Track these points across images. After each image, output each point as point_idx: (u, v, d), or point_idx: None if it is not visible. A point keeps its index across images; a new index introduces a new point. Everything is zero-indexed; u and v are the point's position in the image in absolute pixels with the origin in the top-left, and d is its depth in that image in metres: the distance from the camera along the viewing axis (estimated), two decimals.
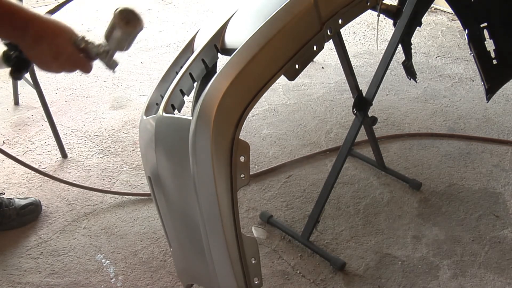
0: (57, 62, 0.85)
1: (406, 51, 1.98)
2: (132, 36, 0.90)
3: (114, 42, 0.90)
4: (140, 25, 0.89)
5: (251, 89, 1.01)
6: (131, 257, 1.72)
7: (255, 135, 2.38)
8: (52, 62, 0.85)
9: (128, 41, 0.90)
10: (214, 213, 1.02)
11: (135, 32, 0.90)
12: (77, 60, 0.87)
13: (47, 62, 0.85)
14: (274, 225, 1.84)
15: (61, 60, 0.85)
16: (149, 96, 1.24)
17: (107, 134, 2.37)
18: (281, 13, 1.06)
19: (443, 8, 3.85)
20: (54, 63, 0.86)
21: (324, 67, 3.04)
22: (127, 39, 0.90)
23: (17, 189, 2.00)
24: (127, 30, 0.88)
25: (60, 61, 0.85)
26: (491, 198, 2.00)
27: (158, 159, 1.14)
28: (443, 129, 2.45)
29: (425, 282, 1.64)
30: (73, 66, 0.88)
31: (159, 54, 3.19)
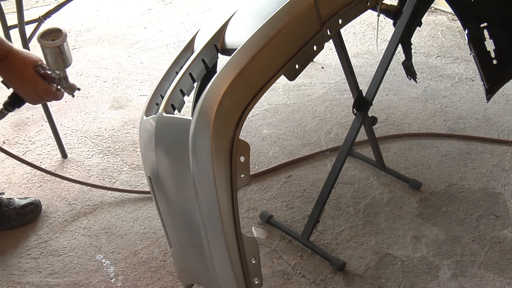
0: (26, 87, 0.99)
1: (406, 51, 1.98)
2: (59, 50, 0.94)
3: (53, 64, 0.96)
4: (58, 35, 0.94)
5: (251, 89, 1.01)
6: (131, 257, 1.72)
7: (255, 135, 2.38)
8: (22, 88, 0.99)
9: (61, 55, 0.95)
10: (214, 213, 1.02)
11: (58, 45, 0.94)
12: (43, 86, 0.99)
13: (20, 88, 1.00)
14: (274, 225, 1.84)
15: (29, 85, 0.98)
16: (149, 96, 1.24)
17: (107, 134, 2.37)
18: (281, 13, 1.06)
19: (443, 8, 3.85)
20: (23, 88, 0.99)
21: (324, 67, 3.04)
22: (57, 54, 0.94)
23: (17, 189, 2.00)
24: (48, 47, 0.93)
25: (29, 86, 0.98)
26: (491, 198, 2.00)
27: (158, 159, 1.14)
28: (443, 129, 2.45)
29: (425, 282, 1.64)
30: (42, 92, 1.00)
31: (159, 54, 3.19)
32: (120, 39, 3.38)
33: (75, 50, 3.20)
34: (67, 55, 0.98)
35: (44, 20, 2.04)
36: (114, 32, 3.49)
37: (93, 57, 3.11)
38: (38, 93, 1.01)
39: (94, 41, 3.34)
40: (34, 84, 0.99)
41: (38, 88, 0.99)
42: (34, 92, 1.01)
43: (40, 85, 0.99)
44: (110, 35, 3.44)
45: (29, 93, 1.01)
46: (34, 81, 0.98)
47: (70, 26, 3.57)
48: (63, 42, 0.94)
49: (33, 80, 0.98)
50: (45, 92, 1.01)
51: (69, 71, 1.14)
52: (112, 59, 3.09)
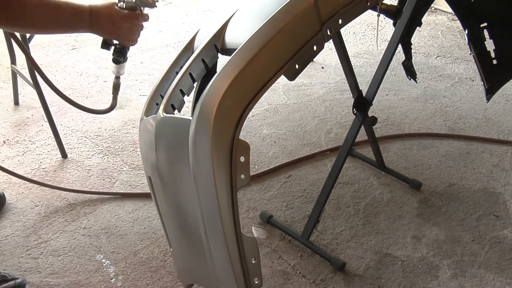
0: (119, 25, 1.11)
1: (406, 51, 1.98)
2: None
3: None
4: None
5: (251, 89, 1.01)
6: (131, 257, 1.72)
7: (255, 135, 2.38)
8: (117, 29, 1.12)
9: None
10: (214, 213, 1.02)
11: None
12: (130, 15, 1.11)
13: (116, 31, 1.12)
14: (274, 225, 1.84)
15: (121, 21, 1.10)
16: (149, 96, 1.24)
17: (107, 134, 2.37)
18: (281, 13, 1.06)
19: (443, 8, 3.85)
20: (118, 28, 1.11)
21: (324, 67, 3.04)
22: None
23: (17, 189, 2.00)
24: None
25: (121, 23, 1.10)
26: (491, 198, 2.00)
27: (158, 159, 1.14)
28: (443, 129, 2.45)
29: (425, 282, 1.64)
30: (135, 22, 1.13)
31: (159, 54, 3.19)
32: None
33: (75, 50, 3.20)
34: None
35: None
36: None
37: (93, 57, 3.11)
38: (130, 24, 1.12)
39: (94, 41, 3.34)
40: (124, 17, 1.10)
41: (128, 19, 1.11)
42: (128, 26, 1.12)
43: (126, 15, 1.10)
44: None
45: (125, 30, 1.12)
46: (122, 15, 1.10)
47: None
48: None
49: (120, 15, 1.10)
50: (135, 18, 1.12)
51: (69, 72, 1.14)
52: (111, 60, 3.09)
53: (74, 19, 1.07)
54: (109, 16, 1.09)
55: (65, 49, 3.22)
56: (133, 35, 1.16)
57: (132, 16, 1.12)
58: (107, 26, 1.10)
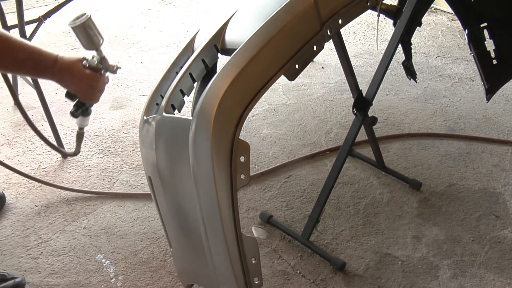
0: (79, 83, 1.12)
1: (406, 51, 1.98)
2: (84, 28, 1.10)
3: (86, 43, 1.11)
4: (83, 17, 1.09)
5: (251, 89, 1.01)
6: (131, 257, 1.72)
7: (255, 135, 2.38)
8: (76, 86, 1.13)
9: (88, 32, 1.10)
10: (214, 213, 1.02)
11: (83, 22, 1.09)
12: (92, 75, 1.13)
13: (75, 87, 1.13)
14: (274, 225, 1.84)
15: (81, 79, 1.11)
16: (149, 96, 1.24)
17: (107, 134, 2.37)
18: (281, 13, 1.06)
19: (443, 8, 3.85)
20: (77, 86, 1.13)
21: (324, 67, 3.04)
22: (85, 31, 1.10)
23: (17, 189, 2.00)
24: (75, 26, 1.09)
25: (81, 81, 1.12)
26: (491, 198, 2.00)
27: (158, 159, 1.14)
28: (443, 129, 2.45)
29: (425, 282, 1.64)
30: (96, 83, 1.14)
31: (159, 54, 3.19)
32: (120, 39, 3.38)
33: (75, 50, 3.20)
34: (95, 32, 1.11)
35: (44, 20, 2.04)
36: (114, 32, 3.49)
37: None
38: (90, 84, 1.14)
39: None
40: (83, 75, 1.12)
41: (87, 78, 1.12)
42: (87, 85, 1.13)
43: (88, 76, 1.12)
44: (110, 35, 3.44)
45: (82, 87, 1.14)
46: (83, 73, 1.11)
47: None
48: (87, 20, 1.09)
49: (81, 72, 1.11)
50: (94, 79, 1.13)
51: None
52: (112, 59, 3.08)
53: (37, 65, 1.09)
54: (71, 71, 1.11)
55: (65, 49, 3.22)
56: (91, 94, 1.17)
57: (93, 77, 1.14)
58: (67, 80, 1.12)
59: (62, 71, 1.10)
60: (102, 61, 1.15)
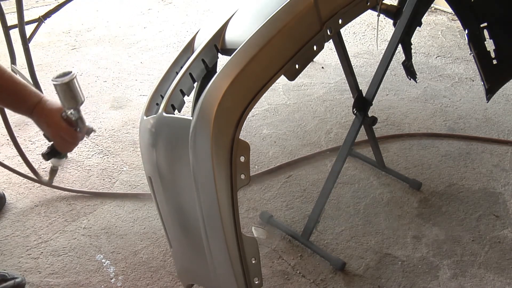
0: (52, 131, 1.11)
1: (406, 51, 1.98)
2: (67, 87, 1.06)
3: (65, 102, 1.08)
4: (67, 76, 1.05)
5: (251, 89, 1.01)
6: (131, 257, 1.72)
7: (255, 135, 2.38)
8: (50, 132, 1.11)
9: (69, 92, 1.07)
10: (214, 213, 1.02)
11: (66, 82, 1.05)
12: (66, 129, 1.11)
13: (49, 133, 1.12)
14: (274, 225, 1.84)
15: (54, 128, 1.10)
16: (149, 96, 1.24)
17: (107, 134, 2.37)
18: (281, 13, 1.06)
19: (443, 8, 3.85)
20: (51, 132, 1.11)
21: (324, 67, 3.04)
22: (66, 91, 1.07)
23: (17, 189, 2.00)
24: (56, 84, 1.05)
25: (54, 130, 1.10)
26: (491, 198, 2.00)
27: (158, 159, 1.14)
28: (443, 129, 2.45)
29: (425, 282, 1.64)
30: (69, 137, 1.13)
31: (159, 54, 3.19)
32: (120, 39, 3.38)
33: (75, 50, 3.20)
34: (76, 93, 1.08)
35: (44, 20, 2.04)
36: (114, 32, 3.49)
37: (93, 57, 3.11)
38: (62, 136, 1.12)
39: (94, 41, 3.34)
40: (58, 127, 1.10)
41: (61, 131, 1.11)
42: (59, 136, 1.12)
43: (63, 128, 1.10)
44: (110, 35, 3.44)
45: (56, 137, 1.13)
46: (58, 125, 1.10)
47: (70, 26, 3.57)
48: (71, 80, 1.05)
49: (57, 124, 1.10)
50: (67, 133, 1.11)
51: None
52: (112, 59, 3.09)
53: (18, 103, 1.08)
54: (48, 120, 1.10)
55: (65, 49, 3.22)
56: (64, 145, 1.16)
57: (67, 131, 1.12)
58: (43, 126, 1.11)
59: (40, 117, 1.09)
60: (79, 120, 1.13)
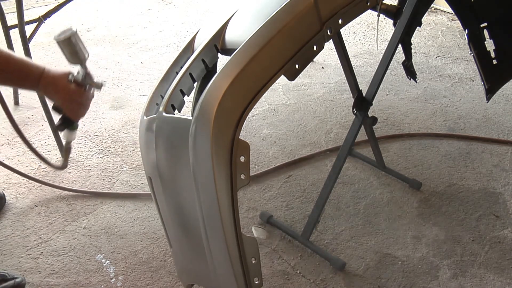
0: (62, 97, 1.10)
1: (406, 51, 1.98)
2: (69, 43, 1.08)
3: (71, 58, 1.09)
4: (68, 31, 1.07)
5: (251, 89, 1.01)
6: (131, 257, 1.72)
7: (255, 135, 2.38)
8: (60, 99, 1.11)
9: (73, 47, 1.08)
10: (214, 213, 1.02)
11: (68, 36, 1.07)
12: (75, 90, 1.10)
13: (59, 100, 1.11)
14: (274, 225, 1.84)
15: (64, 93, 1.09)
16: (149, 96, 1.25)
17: (107, 134, 2.37)
18: (281, 13, 1.06)
19: (443, 8, 3.85)
20: (61, 99, 1.11)
21: (324, 67, 3.04)
22: (69, 47, 1.08)
23: (17, 189, 2.00)
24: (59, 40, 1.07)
25: (64, 95, 1.09)
26: (491, 198, 2.00)
27: (158, 159, 1.14)
28: (443, 129, 2.45)
29: (425, 282, 1.64)
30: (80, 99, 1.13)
31: (159, 54, 3.19)
32: (120, 39, 3.38)
33: None
34: (80, 47, 1.09)
35: (44, 20, 2.04)
36: (114, 32, 3.49)
37: (93, 57, 3.11)
38: (74, 99, 1.12)
39: (94, 41, 3.34)
40: (67, 90, 1.09)
41: (71, 93, 1.10)
42: (70, 100, 1.11)
43: (72, 91, 1.10)
44: (110, 35, 3.44)
45: (66, 102, 1.12)
46: (67, 88, 1.09)
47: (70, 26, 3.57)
48: (72, 34, 1.06)
49: (66, 87, 1.09)
50: (77, 95, 1.11)
51: None
52: (112, 59, 3.09)
53: (23, 78, 1.08)
54: (56, 86, 1.09)
55: None
56: (76, 109, 1.15)
57: (77, 92, 1.12)
58: (51, 94, 1.11)
59: (47, 85, 1.08)
60: (87, 76, 1.13)
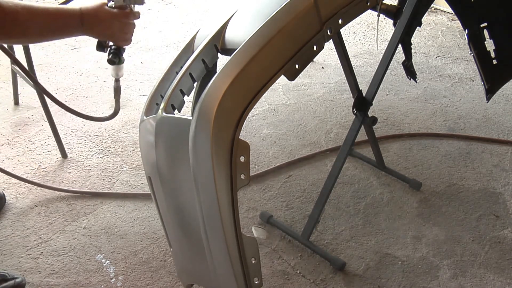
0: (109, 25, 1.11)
1: (406, 51, 1.98)
2: None
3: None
4: None
5: (251, 89, 1.01)
6: (131, 257, 1.72)
7: (255, 135, 2.38)
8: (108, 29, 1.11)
9: None
10: (214, 213, 1.02)
11: None
12: (120, 13, 1.11)
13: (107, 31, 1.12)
14: (274, 225, 1.84)
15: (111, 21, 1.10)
16: (149, 96, 1.24)
17: (107, 134, 2.37)
18: (281, 13, 1.06)
19: (443, 8, 3.85)
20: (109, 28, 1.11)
21: (324, 67, 3.04)
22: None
23: (17, 189, 2.00)
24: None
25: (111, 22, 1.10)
26: (491, 198, 2.00)
27: (158, 159, 1.14)
28: (443, 129, 2.45)
29: (425, 282, 1.64)
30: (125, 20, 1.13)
31: (159, 54, 3.19)
32: None
33: (75, 50, 3.20)
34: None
35: None
36: None
37: (93, 57, 3.11)
38: (121, 22, 1.12)
39: (94, 41, 3.33)
40: (111, 15, 1.10)
41: (116, 17, 1.10)
42: (118, 24, 1.12)
43: (116, 14, 1.10)
44: None
45: (113, 29, 1.12)
46: (112, 15, 1.10)
47: None
48: None
49: (109, 13, 1.10)
50: (122, 17, 1.11)
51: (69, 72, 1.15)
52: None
53: (65, 24, 1.08)
54: (98, 16, 1.09)
55: (65, 49, 3.22)
56: (124, 34, 1.15)
57: (122, 15, 1.12)
58: (97, 27, 1.10)
59: (90, 22, 1.08)
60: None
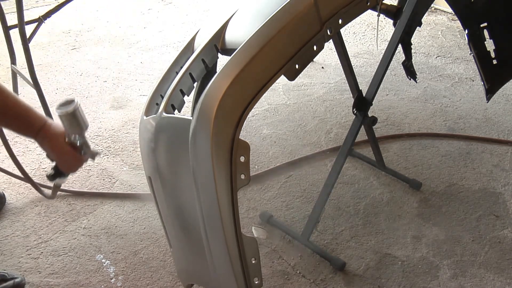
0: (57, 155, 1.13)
1: (406, 51, 1.98)
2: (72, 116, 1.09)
3: (70, 129, 1.10)
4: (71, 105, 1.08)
5: (251, 89, 1.01)
6: (131, 257, 1.72)
7: (255, 135, 2.38)
8: (55, 156, 1.13)
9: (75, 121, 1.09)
10: (214, 213, 1.02)
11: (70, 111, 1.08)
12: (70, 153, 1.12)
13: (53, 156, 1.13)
14: (274, 225, 1.84)
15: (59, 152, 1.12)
16: (149, 96, 1.25)
17: (107, 134, 2.37)
18: (281, 13, 1.06)
19: (443, 8, 3.85)
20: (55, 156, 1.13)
21: (324, 67, 3.04)
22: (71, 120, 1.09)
23: (17, 189, 2.00)
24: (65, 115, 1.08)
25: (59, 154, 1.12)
26: (491, 198, 2.00)
27: (158, 159, 1.14)
28: (443, 129, 2.45)
29: (425, 282, 1.64)
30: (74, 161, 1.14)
31: (159, 54, 3.19)
32: (120, 39, 3.38)
33: (75, 50, 3.20)
34: (80, 120, 1.10)
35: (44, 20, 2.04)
36: (114, 32, 3.49)
37: (93, 57, 3.11)
38: (68, 159, 1.14)
39: (94, 41, 3.34)
40: (63, 151, 1.12)
41: (66, 154, 1.13)
42: (63, 159, 1.14)
43: (67, 152, 1.12)
44: (110, 35, 3.44)
45: (60, 160, 1.15)
46: (63, 149, 1.12)
47: (70, 26, 3.57)
48: (75, 109, 1.07)
49: (62, 148, 1.12)
50: (72, 157, 1.13)
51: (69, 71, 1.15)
52: (112, 59, 3.09)
53: (23, 127, 1.11)
54: (52, 143, 1.11)
55: (65, 49, 3.22)
56: (69, 167, 1.17)
57: (72, 154, 1.14)
58: (47, 149, 1.13)
59: (44, 140, 1.11)
60: (84, 145, 1.14)
